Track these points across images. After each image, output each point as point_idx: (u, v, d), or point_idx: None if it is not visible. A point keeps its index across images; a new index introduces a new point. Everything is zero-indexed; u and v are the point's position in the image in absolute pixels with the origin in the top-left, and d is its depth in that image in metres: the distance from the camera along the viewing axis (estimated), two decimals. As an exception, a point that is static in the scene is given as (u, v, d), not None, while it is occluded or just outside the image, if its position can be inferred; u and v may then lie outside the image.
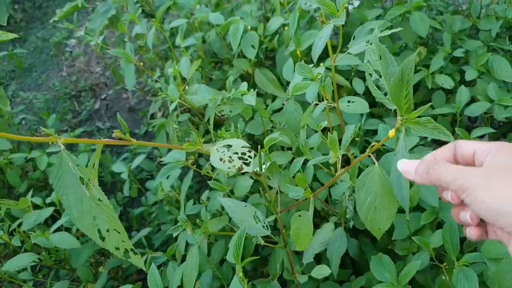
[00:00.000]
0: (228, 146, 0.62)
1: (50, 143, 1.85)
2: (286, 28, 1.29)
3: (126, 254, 0.50)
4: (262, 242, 0.82)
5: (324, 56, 1.19)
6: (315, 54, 0.74)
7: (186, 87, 1.22)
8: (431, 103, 0.59)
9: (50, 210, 1.19)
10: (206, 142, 1.03)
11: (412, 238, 0.89)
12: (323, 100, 0.89)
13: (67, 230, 1.20)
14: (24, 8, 3.10)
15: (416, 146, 1.02)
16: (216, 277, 1.00)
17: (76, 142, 0.57)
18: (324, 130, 0.99)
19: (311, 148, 0.93)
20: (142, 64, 1.44)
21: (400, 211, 0.94)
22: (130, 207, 1.69)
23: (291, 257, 0.91)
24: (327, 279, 1.00)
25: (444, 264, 0.88)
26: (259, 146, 0.73)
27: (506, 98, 1.09)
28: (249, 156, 0.61)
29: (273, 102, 1.17)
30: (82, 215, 0.49)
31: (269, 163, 0.84)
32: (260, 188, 0.85)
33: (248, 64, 1.30)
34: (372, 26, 0.73)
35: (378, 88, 0.58)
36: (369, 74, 0.60)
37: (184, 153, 1.01)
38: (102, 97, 2.42)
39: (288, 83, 1.10)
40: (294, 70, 0.88)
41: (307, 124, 0.91)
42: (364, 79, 1.19)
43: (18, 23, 3.03)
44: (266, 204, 0.98)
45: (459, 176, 0.42)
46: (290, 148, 1.06)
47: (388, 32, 0.72)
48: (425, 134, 0.50)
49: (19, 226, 1.17)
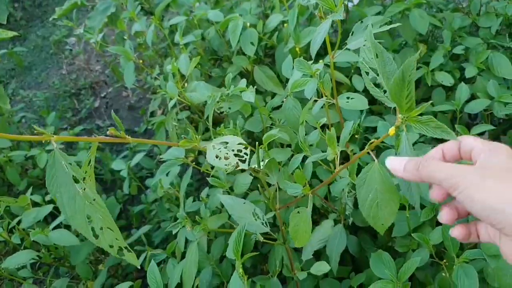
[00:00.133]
0: (224, 143, 0.62)
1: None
2: (285, 25, 1.28)
3: (120, 252, 0.50)
4: (261, 239, 0.82)
5: (323, 53, 1.18)
6: (314, 49, 0.74)
7: (185, 84, 1.22)
8: (431, 101, 0.58)
9: (49, 208, 1.19)
10: (206, 140, 1.03)
11: (412, 235, 0.89)
12: (322, 97, 0.89)
13: (67, 227, 1.20)
14: (24, 6, 3.10)
15: (416, 143, 1.02)
16: (216, 274, 1.00)
17: (70, 140, 0.57)
18: (324, 128, 0.99)
19: (310, 145, 0.92)
20: (141, 61, 1.44)
21: (401, 208, 0.95)
22: (130, 205, 1.69)
23: (291, 254, 0.90)
24: (327, 276, 1.00)
25: (444, 261, 0.87)
26: (257, 143, 0.73)
27: (506, 95, 1.09)
28: (245, 153, 0.61)
29: (272, 99, 1.16)
30: (75, 213, 0.49)
31: (267, 159, 0.83)
32: (259, 185, 0.84)
33: (247, 61, 1.30)
34: (371, 21, 0.73)
35: (376, 86, 0.57)
36: (365, 73, 0.60)
37: (183, 150, 1.00)
38: (102, 95, 2.42)
39: (287, 80, 1.09)
40: (293, 67, 0.88)
41: (306, 121, 0.90)
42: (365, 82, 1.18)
43: (18, 22, 3.03)
44: (265, 201, 0.98)
45: (452, 174, 0.42)
46: (289, 145, 1.06)
47: (387, 27, 0.72)
48: (427, 133, 0.49)
49: (18, 223, 1.17)
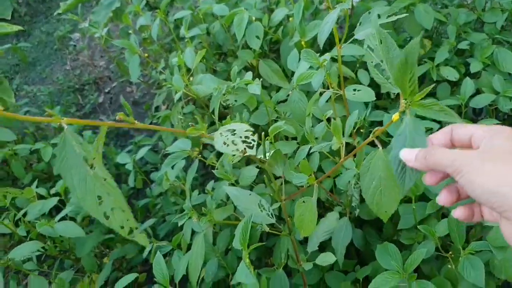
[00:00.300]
0: (232, 130, 0.62)
1: (54, 134, 1.83)
2: (290, 19, 1.29)
3: (130, 233, 0.50)
4: (267, 229, 0.82)
5: (329, 48, 1.19)
6: (321, 39, 0.74)
7: (191, 78, 1.22)
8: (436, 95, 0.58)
9: (54, 200, 1.19)
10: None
11: (417, 227, 0.89)
12: (328, 89, 0.89)
13: (72, 220, 1.21)
14: (28, 2, 3.11)
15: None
16: (221, 266, 1.01)
17: (80, 123, 0.57)
18: (330, 121, 0.99)
19: (316, 138, 0.93)
20: (146, 56, 1.44)
21: (406, 201, 0.95)
22: (134, 199, 1.69)
23: (296, 245, 0.91)
24: (332, 269, 1.00)
25: (450, 253, 0.88)
26: (263, 133, 0.73)
27: (511, 90, 1.09)
28: (252, 139, 0.61)
29: (277, 93, 1.17)
30: (86, 194, 0.49)
31: (273, 151, 0.84)
32: (265, 176, 0.85)
33: (252, 55, 1.30)
34: (378, 12, 0.73)
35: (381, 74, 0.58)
36: (370, 62, 0.60)
37: (189, 142, 1.00)
38: (106, 90, 2.42)
39: (292, 74, 1.09)
40: (299, 60, 0.88)
41: (312, 114, 0.90)
42: (369, 71, 1.18)
43: (22, 17, 3.03)
44: (271, 194, 0.98)
45: (455, 159, 0.43)
46: (295, 138, 1.06)
47: (394, 17, 0.72)
48: (430, 116, 0.50)
49: (24, 216, 1.17)
